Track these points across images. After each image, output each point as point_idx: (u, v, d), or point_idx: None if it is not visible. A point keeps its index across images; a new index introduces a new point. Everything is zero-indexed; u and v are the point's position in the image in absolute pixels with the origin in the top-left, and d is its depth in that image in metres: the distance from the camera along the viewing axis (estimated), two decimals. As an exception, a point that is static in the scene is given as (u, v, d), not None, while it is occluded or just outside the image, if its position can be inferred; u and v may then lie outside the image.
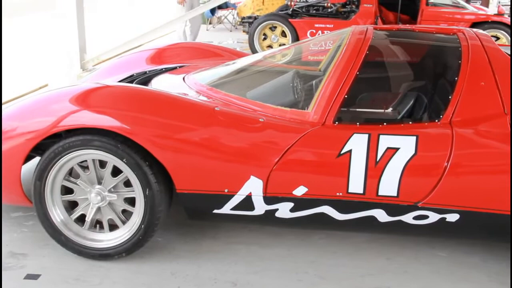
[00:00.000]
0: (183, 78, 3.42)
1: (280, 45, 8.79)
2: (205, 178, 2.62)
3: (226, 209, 2.67)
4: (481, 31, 3.19)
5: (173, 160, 2.59)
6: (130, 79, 3.62)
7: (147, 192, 2.60)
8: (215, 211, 2.69)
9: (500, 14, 9.09)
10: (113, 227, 2.77)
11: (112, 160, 2.61)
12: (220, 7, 12.79)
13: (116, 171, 2.66)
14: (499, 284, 2.67)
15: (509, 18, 9.42)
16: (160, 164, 2.59)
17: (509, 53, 2.95)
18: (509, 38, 8.56)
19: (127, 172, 2.61)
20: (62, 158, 2.62)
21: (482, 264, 2.83)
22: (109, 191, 2.70)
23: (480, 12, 9.32)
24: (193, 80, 3.32)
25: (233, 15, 13.68)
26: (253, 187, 2.59)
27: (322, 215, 2.63)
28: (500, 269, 2.79)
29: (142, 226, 2.67)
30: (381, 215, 2.59)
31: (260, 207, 2.64)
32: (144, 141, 2.54)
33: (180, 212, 2.82)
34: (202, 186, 2.63)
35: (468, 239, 2.97)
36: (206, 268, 2.75)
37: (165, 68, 3.88)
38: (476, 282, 2.68)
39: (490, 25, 8.70)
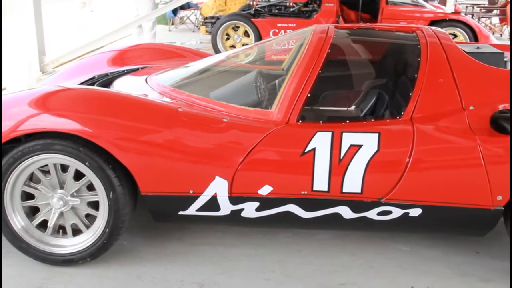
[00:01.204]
0: (146, 80, 3.38)
1: (243, 45, 8.79)
2: (170, 180, 2.60)
3: (192, 210, 2.66)
4: (439, 29, 3.25)
5: (136, 163, 2.56)
6: (91, 81, 3.57)
7: (111, 195, 2.57)
8: (181, 212, 2.68)
9: (457, 12, 9.29)
10: (76, 232, 2.73)
11: (74, 164, 2.57)
12: (182, 7, 12.72)
13: (78, 175, 2.62)
14: (460, 275, 2.73)
15: (465, 16, 9.65)
16: (123, 166, 2.56)
17: (466, 50, 3.02)
18: (466, 36, 8.76)
19: (90, 176, 2.58)
20: (22, 163, 2.57)
21: (443, 257, 2.89)
22: (72, 195, 2.65)
23: (438, 10, 9.52)
24: (156, 81, 3.29)
25: (195, 15, 13.62)
26: (218, 187, 2.58)
27: (288, 213, 2.64)
28: (460, 261, 2.85)
29: (107, 230, 2.63)
30: (345, 212, 2.62)
31: (226, 208, 2.64)
32: (107, 143, 2.51)
33: (145, 215, 2.79)
34: (167, 188, 2.61)
35: (430, 233, 3.03)
36: (172, 270, 2.73)
37: (127, 70, 3.83)
38: (438, 275, 2.73)
39: (448, 23, 8.89)
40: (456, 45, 2.96)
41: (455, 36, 8.79)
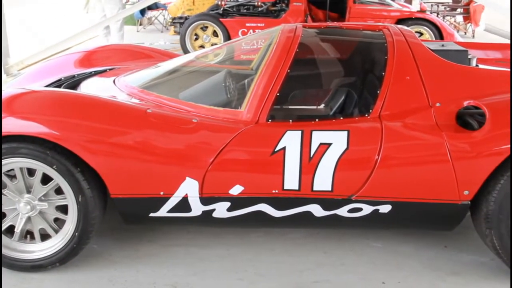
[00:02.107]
0: (114, 81, 3.34)
1: (212, 45, 8.76)
2: (140, 182, 2.58)
3: (163, 212, 2.64)
4: (405, 27, 3.30)
5: (105, 165, 2.53)
6: (58, 83, 3.51)
7: (79, 198, 2.53)
8: (152, 214, 2.66)
9: (422, 11, 9.44)
10: (45, 236, 2.68)
11: (42, 168, 2.52)
12: (150, 7, 12.60)
13: (46, 179, 2.57)
14: (431, 270, 2.77)
15: (431, 14, 9.81)
16: (92, 169, 2.52)
17: (431, 48, 3.06)
18: (432, 34, 8.90)
19: (58, 179, 2.54)
20: (-13, 168, 2.51)
21: (414, 252, 2.94)
22: (39, 199, 2.61)
23: (404, 9, 9.65)
24: (124, 82, 3.26)
25: (163, 15, 13.51)
26: (189, 188, 2.57)
27: (259, 213, 2.65)
28: (431, 256, 2.90)
29: (76, 233, 2.59)
30: (316, 210, 2.63)
31: (197, 208, 2.63)
32: (75, 146, 2.48)
33: (116, 217, 2.76)
34: (137, 190, 2.58)
35: (400, 229, 3.07)
36: (144, 272, 2.71)
37: (94, 71, 3.78)
38: (409, 270, 2.77)
39: (414, 21, 9.01)
40: (422, 43, 3.00)
41: (421, 34, 8.92)
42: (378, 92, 2.74)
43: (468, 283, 2.67)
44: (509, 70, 3.00)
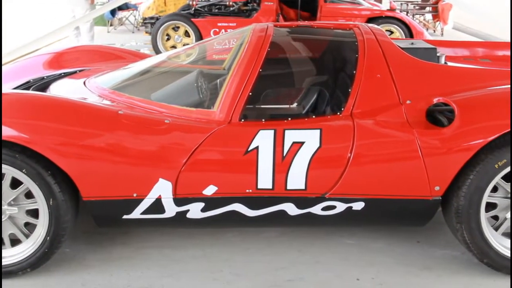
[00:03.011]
0: (84, 83, 3.30)
1: (184, 45, 8.72)
2: (112, 184, 2.55)
3: (136, 213, 2.62)
4: (375, 26, 3.33)
5: (77, 168, 2.50)
6: (26, 85, 3.45)
7: (51, 202, 2.49)
8: (125, 216, 2.63)
9: (392, 9, 9.55)
10: (15, 241, 2.63)
11: (11, 172, 2.48)
12: (120, 8, 12.49)
13: (15, 183, 2.53)
14: (403, 265, 2.81)
15: (400, 13, 9.92)
16: (64, 172, 2.49)
17: (401, 46, 3.10)
18: (402, 32, 9.01)
19: (28, 183, 2.49)
20: (-46, 173, 2.46)
21: (387, 248, 2.97)
22: (9, 204, 2.56)
23: (375, 8, 9.75)
24: (95, 84, 3.22)
25: (134, 16, 13.40)
26: (162, 189, 2.56)
27: (234, 213, 2.65)
28: (403, 251, 2.93)
29: (48, 238, 2.56)
30: (290, 209, 2.64)
31: (171, 209, 2.62)
32: (45, 149, 2.44)
33: (88, 220, 2.73)
34: (110, 192, 2.56)
35: (373, 226, 3.11)
36: (118, 276, 2.68)
37: (64, 73, 3.73)
38: (383, 266, 2.80)
39: (384, 20, 9.12)
40: (392, 41, 3.04)
41: (391, 32, 9.03)
42: (349, 90, 2.76)
43: (440, 277, 2.71)
44: (476, 67, 3.05)
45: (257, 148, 2.55)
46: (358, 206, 2.64)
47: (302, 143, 2.57)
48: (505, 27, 9.54)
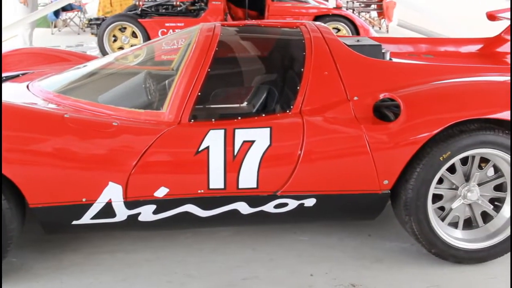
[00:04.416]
0: (27, 86, 3.21)
1: (131, 46, 8.59)
2: (60, 189, 2.49)
3: (86, 219, 2.57)
4: (321, 23, 3.37)
5: (22, 174, 2.43)
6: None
7: (-5, 210, 2.41)
8: (74, 222, 2.58)
9: (338, 7, 9.69)
10: (-41, 253, 2.54)
11: (-49, 180, 2.39)
12: (64, 9, 12.19)
13: (-43, 192, 2.43)
14: (356, 259, 2.86)
15: (347, 11, 10.08)
16: (8, 179, 2.41)
17: (347, 43, 3.15)
18: (348, 30, 9.16)
19: (-30, 192, 2.41)
20: None
21: (339, 243, 3.01)
22: (-49, 214, 2.46)
23: (322, 6, 9.87)
24: (39, 87, 3.13)
25: (79, 17, 13.11)
26: (113, 193, 2.51)
27: (186, 214, 2.63)
28: (355, 245, 2.99)
29: (-7, 248, 2.47)
30: (243, 208, 2.64)
31: (122, 213, 2.58)
32: (-13, 156, 2.36)
33: (36, 228, 2.65)
34: (58, 198, 2.50)
35: (326, 222, 3.14)
36: (69, 283, 2.62)
37: (5, 77, 3.61)
38: (336, 261, 2.84)
39: (331, 18, 9.24)
40: (338, 38, 3.08)
41: (338, 30, 9.16)
42: (298, 88, 2.79)
43: (391, 268, 2.77)
44: (420, 62, 3.13)
45: (207, 148, 2.54)
46: (309, 202, 2.67)
47: (253, 141, 2.57)
48: (446, 23, 9.84)
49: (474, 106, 2.63)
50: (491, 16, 3.97)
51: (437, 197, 2.74)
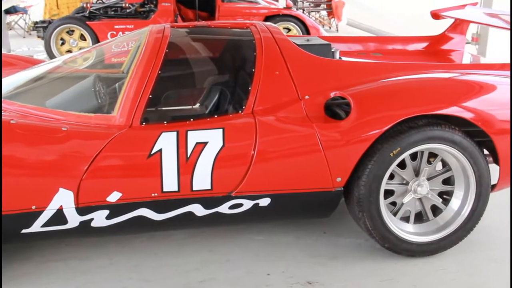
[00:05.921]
0: (-30, 92, 3.10)
1: (80, 49, 8.42)
2: (8, 197, 2.42)
3: (36, 227, 2.50)
4: (271, 23, 3.39)
5: (-33, 183, 2.34)
6: None
7: None
8: (24, 231, 2.51)
9: (288, 7, 9.77)
10: None
11: None
12: (8, 11, 11.83)
13: None
14: (311, 256, 2.89)
15: (297, 11, 10.18)
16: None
17: (297, 43, 3.17)
18: (299, 29, 9.25)
19: None
20: None
21: (295, 241, 3.04)
22: None
23: (272, 6, 9.93)
24: (-18, 93, 3.03)
25: (24, 20, 12.76)
26: (63, 199, 2.46)
27: (140, 218, 2.60)
28: (311, 243, 3.02)
29: None
30: (198, 210, 2.63)
31: (74, 219, 2.52)
32: None
33: (-17, 239, 2.57)
34: (5, 206, 2.42)
35: (281, 221, 3.16)
36: (20, 293, 2.55)
37: None
38: (292, 259, 2.87)
39: (281, 18, 9.31)
40: (288, 38, 3.10)
41: (289, 30, 9.24)
42: (249, 88, 2.79)
43: (347, 264, 2.82)
44: (369, 61, 3.19)
45: (160, 151, 2.52)
46: (264, 202, 2.68)
47: (206, 143, 2.56)
48: (393, 22, 10.06)
49: (421, 102, 2.69)
50: (435, 15, 4.09)
51: (388, 193, 2.80)
